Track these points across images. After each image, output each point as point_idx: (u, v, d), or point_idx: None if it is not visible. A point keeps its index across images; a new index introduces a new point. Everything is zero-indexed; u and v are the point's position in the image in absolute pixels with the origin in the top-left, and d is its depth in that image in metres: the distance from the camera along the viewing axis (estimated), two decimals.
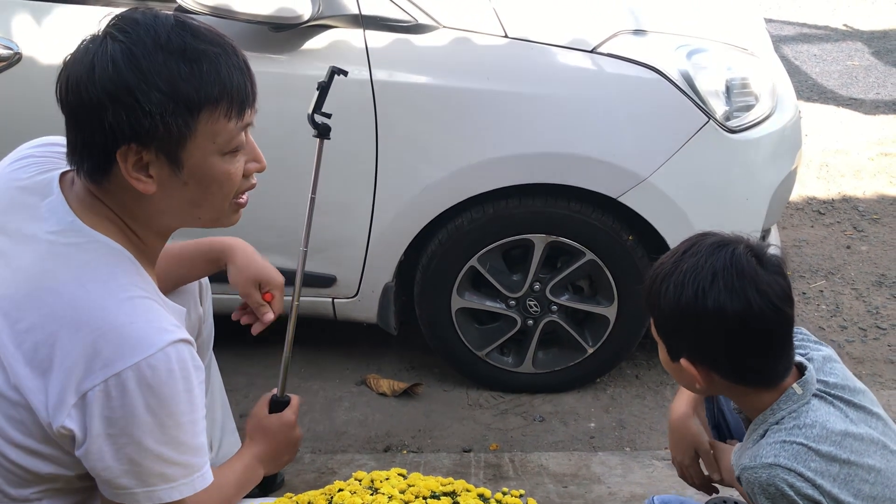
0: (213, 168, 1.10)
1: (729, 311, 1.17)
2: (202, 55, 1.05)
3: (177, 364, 1.05)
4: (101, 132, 1.05)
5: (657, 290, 1.24)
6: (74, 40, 2.10)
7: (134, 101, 1.03)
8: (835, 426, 1.22)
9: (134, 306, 1.06)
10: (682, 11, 2.39)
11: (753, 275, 1.18)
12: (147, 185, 1.08)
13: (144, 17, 1.07)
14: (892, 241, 3.25)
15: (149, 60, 1.03)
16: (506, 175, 2.13)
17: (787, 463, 1.17)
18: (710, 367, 1.23)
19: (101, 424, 1.04)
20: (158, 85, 1.03)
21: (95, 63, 1.04)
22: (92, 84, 1.03)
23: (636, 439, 2.27)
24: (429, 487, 1.08)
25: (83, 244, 1.09)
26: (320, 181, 2.16)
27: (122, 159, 1.06)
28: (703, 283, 1.18)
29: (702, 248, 1.22)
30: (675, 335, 1.25)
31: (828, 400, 1.26)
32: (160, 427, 1.06)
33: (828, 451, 1.19)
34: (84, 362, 1.03)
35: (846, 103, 4.52)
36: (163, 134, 1.05)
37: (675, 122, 2.12)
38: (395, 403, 2.39)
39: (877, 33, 5.65)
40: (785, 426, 1.22)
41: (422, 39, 2.07)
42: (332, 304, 2.31)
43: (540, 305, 2.30)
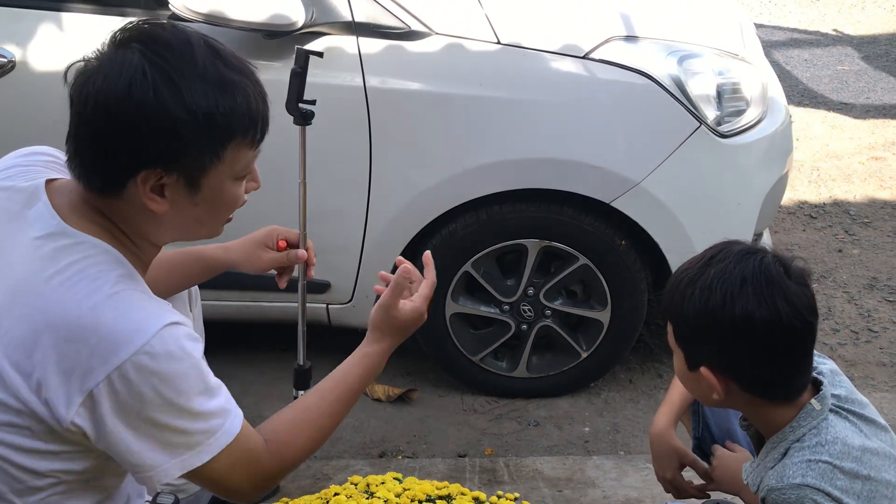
0: (225, 192, 1.14)
1: (757, 319, 1.15)
2: (236, 87, 1.07)
3: (174, 345, 1.06)
4: (129, 153, 1.05)
5: (681, 294, 1.22)
6: (68, 48, 2.11)
7: (173, 129, 1.04)
8: (854, 442, 1.21)
9: (122, 299, 1.06)
10: (673, 17, 2.41)
11: (783, 284, 1.17)
12: (160, 206, 1.10)
13: (177, 40, 1.06)
14: (883, 244, 3.27)
15: (189, 90, 1.04)
16: (499, 180, 2.14)
17: (815, 483, 1.16)
18: (731, 377, 1.21)
19: (113, 417, 1.05)
20: (198, 116, 1.05)
21: (133, 83, 1.03)
22: (130, 107, 1.03)
23: (630, 443, 2.28)
24: (424, 491, 1.09)
25: (70, 245, 1.09)
26: (315, 183, 2.17)
27: (143, 181, 1.07)
28: (731, 289, 1.17)
29: (730, 254, 1.21)
30: (697, 342, 1.22)
31: (842, 415, 1.25)
32: (171, 405, 1.07)
33: (851, 469, 1.19)
34: (82, 361, 1.03)
35: (837, 108, 4.55)
36: (192, 161, 1.08)
37: (666, 127, 2.13)
38: (390, 409, 2.39)
39: (866, 38, 5.69)
40: (808, 444, 1.21)
41: (415, 46, 2.08)
42: (327, 310, 2.32)
43: (534, 310, 2.31)
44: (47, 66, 2.08)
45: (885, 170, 3.87)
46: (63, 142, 1.33)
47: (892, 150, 4.06)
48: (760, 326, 1.15)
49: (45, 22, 2.10)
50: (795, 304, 1.17)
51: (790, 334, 1.17)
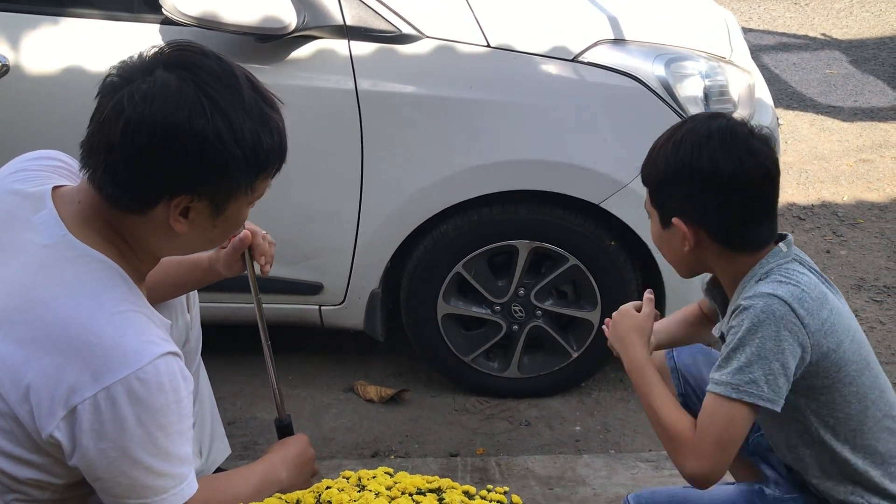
0: (241, 215, 1.18)
1: (721, 167, 1.26)
2: (273, 124, 1.12)
3: (166, 376, 1.06)
4: (172, 178, 1.07)
5: (656, 154, 1.33)
6: (61, 52, 2.12)
7: (223, 162, 1.07)
8: (819, 284, 1.29)
9: (123, 320, 1.07)
10: (661, 21, 2.44)
11: (746, 139, 1.28)
12: (182, 227, 1.12)
13: (223, 72, 1.08)
14: (871, 245, 3.31)
15: (240, 125, 1.07)
16: (489, 182, 2.16)
17: (784, 295, 1.24)
18: (701, 226, 1.30)
19: (90, 438, 1.05)
20: (246, 150, 1.08)
21: (193, 114, 1.04)
22: (187, 133, 1.04)
23: (620, 442, 2.30)
24: (415, 484, 1.11)
25: (74, 258, 1.10)
26: (308, 185, 2.18)
27: (175, 205, 1.09)
28: (699, 141, 1.28)
29: (699, 117, 1.35)
30: (669, 195, 1.32)
31: (807, 266, 1.32)
32: (151, 440, 1.06)
33: (816, 298, 1.26)
34: (73, 376, 1.03)
35: (825, 111, 4.60)
36: (228, 190, 1.11)
37: (655, 129, 2.12)
38: (383, 409, 2.41)
39: (854, 42, 5.74)
40: (775, 276, 1.28)
41: (406, 49, 2.10)
42: (319, 311, 2.33)
43: (525, 311, 2.33)
44: (41, 69, 2.10)
45: (873, 172, 3.91)
46: (57, 144, 1.35)
47: (880, 153, 4.10)
48: (725, 174, 1.26)
49: (39, 26, 2.11)
50: (757, 154, 1.28)
51: (753, 182, 1.27)
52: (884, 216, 3.53)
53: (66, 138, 1.30)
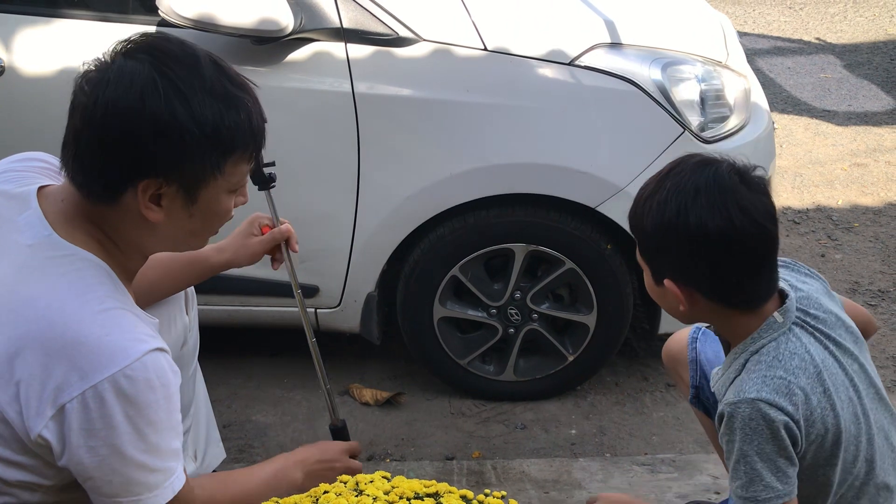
0: (219, 204, 1.15)
1: (711, 228, 1.17)
2: (240, 103, 1.10)
3: (154, 372, 1.06)
4: (133, 161, 1.07)
5: (641, 210, 1.25)
6: (57, 53, 2.12)
7: (181, 139, 1.06)
8: (815, 356, 1.23)
9: (109, 317, 1.06)
10: (658, 25, 2.44)
11: (737, 191, 1.18)
12: (156, 215, 1.11)
13: (184, 54, 1.08)
14: (866, 249, 3.32)
15: (199, 104, 1.06)
16: (486, 186, 2.16)
17: (769, 398, 1.18)
18: (694, 288, 1.23)
19: (80, 436, 1.04)
20: (205, 129, 1.07)
21: (146, 94, 1.04)
22: (140, 114, 1.04)
23: (616, 445, 2.30)
24: (412, 489, 1.11)
25: (59, 257, 1.09)
26: (304, 187, 2.18)
27: (143, 190, 1.08)
28: (685, 200, 1.19)
29: (685, 167, 1.24)
30: (658, 255, 1.25)
31: (808, 329, 1.26)
32: (140, 436, 1.06)
33: (807, 384, 1.20)
34: (60, 374, 1.03)
35: (819, 115, 4.61)
36: (194, 173, 1.09)
37: (651, 132, 2.16)
38: (379, 413, 2.40)
39: (848, 47, 5.77)
40: (765, 359, 1.22)
41: (403, 52, 2.10)
42: (315, 314, 2.33)
43: (521, 314, 2.33)
44: (36, 70, 2.09)
45: (867, 176, 3.93)
46: (52, 145, 1.34)
47: (874, 157, 4.11)
48: (715, 235, 1.17)
49: (35, 27, 2.11)
50: (749, 210, 1.18)
51: (746, 241, 1.18)
52: (878, 220, 3.55)
53: (60, 139, 1.29)
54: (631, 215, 1.29)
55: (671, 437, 2.33)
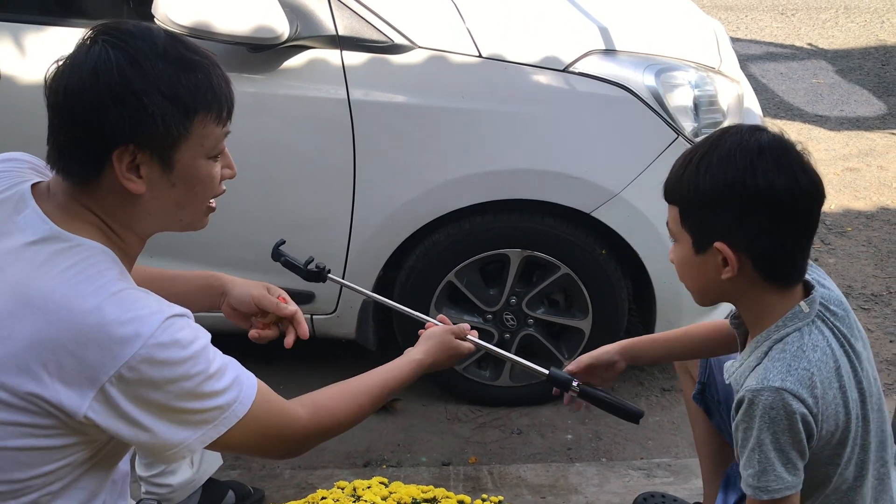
0: (199, 170, 1.17)
1: (777, 186, 1.15)
2: (196, 65, 1.13)
3: (179, 333, 1.09)
4: (101, 133, 1.10)
5: (694, 170, 1.20)
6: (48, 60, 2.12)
7: (138, 102, 1.10)
8: (835, 351, 1.23)
9: (125, 296, 1.10)
10: (651, 31, 2.46)
11: (798, 154, 1.19)
12: (137, 186, 1.14)
13: (138, 29, 1.13)
14: (858, 253, 3.34)
15: (151, 66, 1.10)
16: (481, 191, 2.17)
17: (793, 388, 1.17)
18: (745, 252, 1.19)
19: (128, 409, 1.08)
20: (161, 89, 1.10)
21: (98, 67, 1.09)
22: (95, 86, 1.09)
23: (612, 450, 2.30)
24: (410, 494, 1.11)
25: (65, 249, 1.11)
26: (300, 194, 2.19)
27: (118, 160, 1.11)
28: (751, 157, 1.16)
29: (741, 129, 1.22)
30: (713, 217, 1.20)
31: (828, 325, 1.26)
32: (184, 391, 1.10)
33: (826, 378, 1.20)
34: (92, 360, 1.06)
35: (812, 120, 4.64)
36: (161, 135, 1.12)
37: (645, 138, 2.17)
38: (374, 419, 2.41)
39: (840, 52, 5.80)
40: (789, 348, 1.21)
41: (398, 59, 2.11)
42: (311, 320, 2.33)
43: (516, 319, 2.33)
44: (33, 78, 2.09)
45: (859, 180, 3.95)
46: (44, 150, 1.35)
47: (866, 161, 4.14)
48: (782, 192, 1.16)
49: (31, 35, 2.11)
50: (809, 171, 1.18)
51: (806, 202, 1.18)
52: (871, 224, 3.57)
53: None
54: (675, 180, 1.25)
55: (667, 442, 2.34)
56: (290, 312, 1.53)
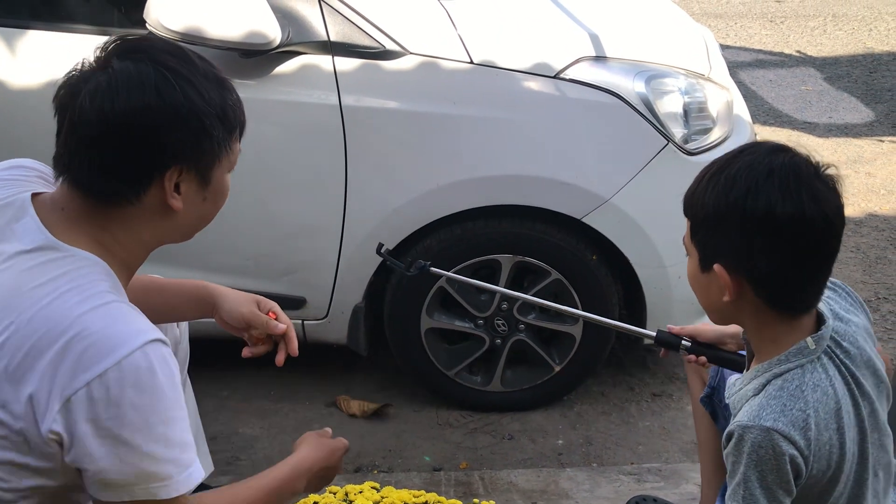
0: (224, 184, 1.22)
1: (779, 212, 1.11)
2: (229, 84, 1.18)
3: (156, 361, 1.07)
4: (159, 153, 1.11)
5: (704, 186, 1.17)
6: (44, 65, 2.12)
7: (200, 124, 1.12)
8: (837, 391, 1.19)
9: (110, 310, 1.08)
10: (641, 38, 2.47)
11: (810, 181, 1.12)
12: (178, 203, 1.16)
13: (171, 47, 1.15)
14: (847, 259, 3.36)
15: (205, 89, 1.13)
16: (473, 197, 2.17)
17: (785, 430, 1.14)
18: (745, 276, 1.16)
19: (88, 427, 1.05)
20: (215, 110, 1.14)
21: (161, 89, 1.09)
22: (160, 107, 1.09)
23: (603, 455, 2.31)
24: (402, 499, 1.11)
25: (59, 259, 1.11)
26: (292, 200, 2.19)
27: (168, 179, 1.13)
28: (757, 179, 1.12)
29: (760, 149, 1.17)
30: (715, 237, 1.17)
31: (835, 362, 1.22)
32: (147, 425, 1.07)
33: (823, 419, 1.17)
34: (66, 368, 1.04)
35: (801, 127, 4.67)
36: (211, 154, 1.15)
37: (635, 145, 2.18)
38: (366, 424, 2.40)
39: (828, 59, 5.85)
40: (788, 386, 1.17)
41: (389, 65, 2.11)
42: (302, 326, 2.33)
43: (508, 324, 2.34)
44: (24, 83, 2.09)
45: (848, 187, 3.93)
46: (42, 157, 1.34)
47: (854, 168, 4.17)
48: (783, 220, 1.11)
49: (23, 40, 2.11)
50: (822, 202, 1.12)
51: (812, 234, 1.12)
52: (859, 231, 3.59)
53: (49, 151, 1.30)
54: (689, 194, 1.21)
55: (657, 447, 2.35)
56: (279, 331, 1.51)
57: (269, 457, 2.26)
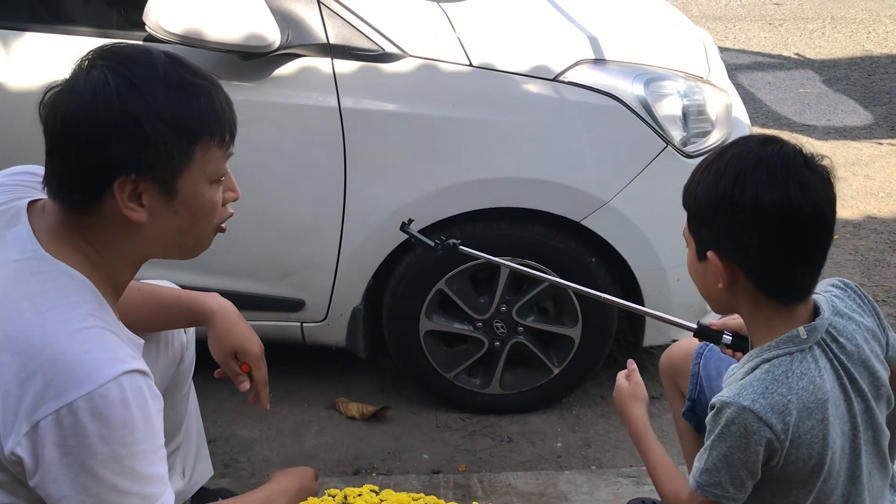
0: (202, 196, 1.15)
1: (766, 201, 1.14)
2: (199, 89, 1.10)
3: (130, 393, 1.04)
4: (101, 162, 1.07)
5: (697, 178, 1.22)
6: (40, 68, 2.12)
7: (140, 131, 1.06)
8: (826, 383, 1.20)
9: (89, 335, 1.06)
10: (640, 41, 2.47)
11: (799, 170, 1.15)
12: (139, 215, 1.11)
13: (137, 53, 1.10)
14: (846, 262, 3.36)
15: (152, 93, 1.07)
16: (472, 200, 2.17)
17: (761, 411, 1.16)
18: (737, 264, 1.19)
19: (53, 454, 1.03)
20: (162, 116, 1.07)
21: (98, 95, 1.06)
22: (96, 115, 1.06)
23: (602, 457, 2.31)
24: (400, 502, 1.11)
25: (45, 273, 1.09)
26: (291, 202, 2.19)
27: (119, 189, 1.08)
28: (745, 169, 1.16)
29: (751, 141, 1.21)
30: (707, 226, 1.21)
31: (828, 354, 1.23)
32: (114, 457, 1.04)
33: (807, 407, 1.18)
34: (36, 391, 1.02)
35: (799, 129, 4.68)
36: (163, 163, 1.09)
37: (634, 147, 2.19)
38: (365, 427, 2.40)
39: (827, 62, 5.86)
40: (774, 370, 1.20)
41: (389, 67, 2.11)
42: (301, 328, 2.33)
43: (506, 327, 2.34)
44: (21, 85, 2.09)
45: (846, 189, 3.98)
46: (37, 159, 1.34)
47: (853, 171, 4.17)
48: (769, 209, 1.14)
49: (21, 42, 2.11)
50: (810, 190, 1.15)
51: (801, 222, 1.15)
52: (858, 233, 3.60)
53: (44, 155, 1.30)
54: (686, 185, 1.25)
55: None
56: (243, 388, 1.55)
57: (268, 459, 2.26)
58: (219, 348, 1.53)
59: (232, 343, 1.52)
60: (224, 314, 1.53)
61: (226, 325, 1.52)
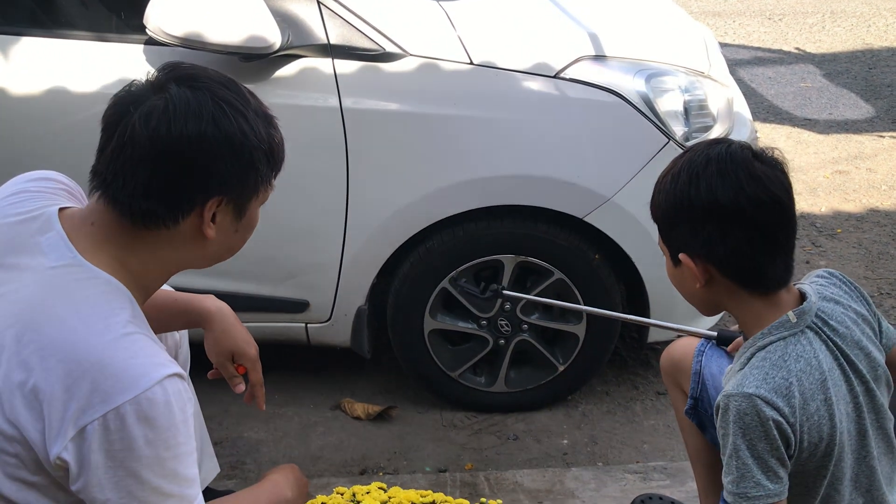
0: (256, 219, 1.23)
1: (720, 196, 1.19)
2: (275, 121, 1.19)
3: (173, 397, 1.07)
4: (206, 181, 1.12)
5: (658, 188, 1.28)
6: (46, 73, 2.12)
7: (250, 158, 1.13)
8: (823, 363, 1.22)
9: (132, 342, 1.08)
10: (641, 37, 2.47)
11: (747, 163, 1.20)
12: (212, 232, 1.16)
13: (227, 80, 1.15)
14: (849, 255, 3.36)
15: (256, 124, 1.14)
16: (474, 198, 2.17)
17: (767, 395, 1.17)
18: (708, 261, 1.23)
19: (100, 457, 1.04)
20: (263, 146, 1.15)
21: (218, 120, 1.10)
22: (218, 138, 1.10)
23: (608, 454, 2.31)
24: (409, 499, 1.11)
25: (84, 280, 1.10)
26: (294, 202, 2.19)
27: (209, 208, 1.14)
28: (697, 169, 1.22)
29: (700, 145, 1.28)
30: (673, 229, 1.26)
31: (822, 336, 1.25)
32: (158, 460, 1.06)
33: (808, 388, 1.20)
34: (83, 396, 1.04)
35: (801, 124, 4.67)
36: (251, 189, 1.17)
37: (636, 143, 2.18)
38: (370, 427, 2.40)
39: (827, 56, 5.85)
40: (770, 356, 1.21)
41: (389, 67, 2.11)
42: (306, 329, 2.33)
43: (511, 325, 2.34)
44: (25, 91, 2.09)
45: (849, 183, 3.98)
46: (44, 164, 1.35)
47: (855, 164, 4.17)
48: (725, 202, 1.19)
49: (23, 47, 2.11)
50: (762, 179, 1.20)
51: (758, 211, 1.19)
52: (861, 226, 3.59)
53: (51, 158, 1.31)
54: (651, 201, 1.31)
55: (662, 445, 2.34)
56: (238, 390, 1.58)
57: (274, 460, 2.26)
58: (216, 350, 1.54)
59: (230, 345, 1.54)
60: (221, 316, 1.54)
61: (223, 327, 1.54)
